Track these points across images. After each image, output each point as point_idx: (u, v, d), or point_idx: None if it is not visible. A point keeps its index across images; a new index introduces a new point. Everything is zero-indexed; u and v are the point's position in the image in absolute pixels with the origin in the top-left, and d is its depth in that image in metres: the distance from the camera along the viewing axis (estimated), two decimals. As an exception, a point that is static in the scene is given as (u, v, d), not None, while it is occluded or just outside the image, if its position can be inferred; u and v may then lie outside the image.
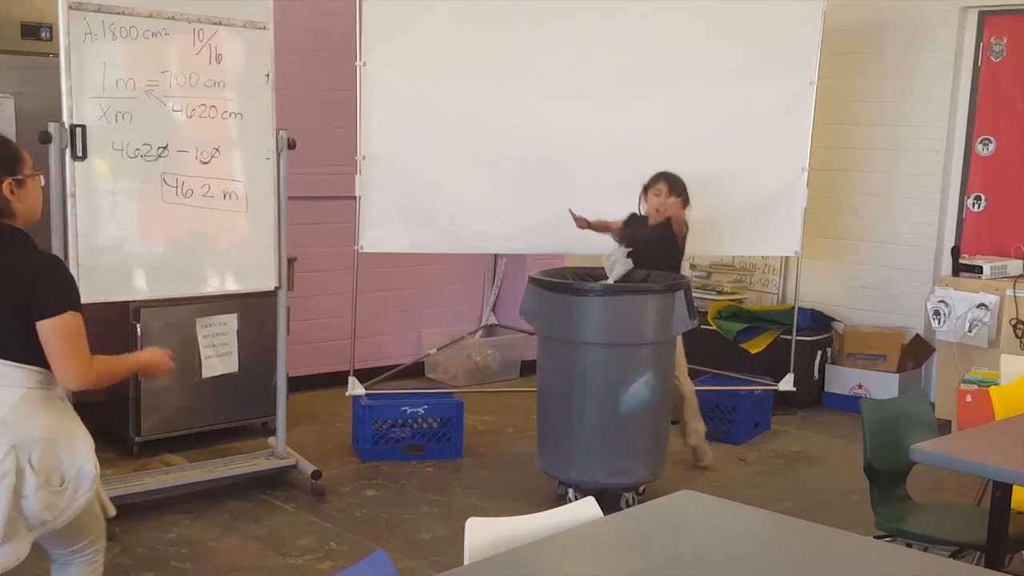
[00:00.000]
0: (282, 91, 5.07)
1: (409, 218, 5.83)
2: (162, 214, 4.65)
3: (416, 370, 7.26)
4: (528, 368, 7.10)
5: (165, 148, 4.61)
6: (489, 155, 5.91)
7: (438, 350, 7.24)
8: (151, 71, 4.55)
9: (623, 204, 5.54)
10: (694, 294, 5.36)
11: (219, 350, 5.28)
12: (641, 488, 5.07)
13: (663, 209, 5.28)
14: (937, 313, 6.33)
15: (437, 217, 5.89)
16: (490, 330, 7.68)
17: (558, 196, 5.83)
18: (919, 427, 3.86)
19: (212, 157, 4.74)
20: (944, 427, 5.70)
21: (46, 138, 4.35)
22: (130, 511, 4.73)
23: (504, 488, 5.33)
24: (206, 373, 5.26)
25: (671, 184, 5.32)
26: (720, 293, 7.48)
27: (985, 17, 6.77)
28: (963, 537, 3.65)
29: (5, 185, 2.94)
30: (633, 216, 5.47)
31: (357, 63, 5.63)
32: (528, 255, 7.00)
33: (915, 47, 6.98)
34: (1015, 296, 6.14)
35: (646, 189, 5.36)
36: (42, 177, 3.10)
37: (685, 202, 5.33)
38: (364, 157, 5.68)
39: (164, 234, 4.70)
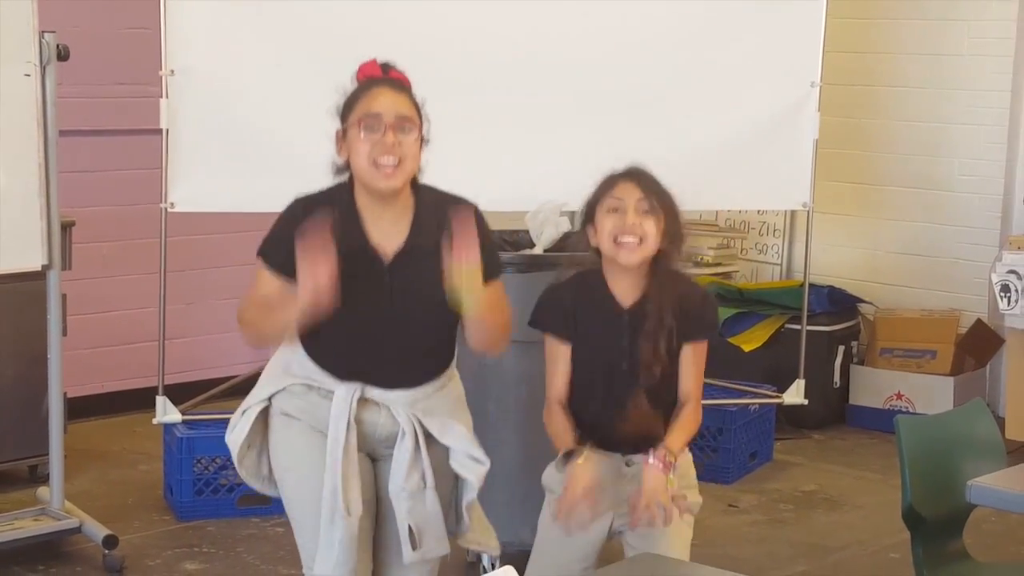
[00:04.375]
0: (48, -26, 5.02)
1: (242, 161, 5.78)
2: None
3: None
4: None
5: None
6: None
7: (289, 355, 7.20)
8: None
9: (558, 134, 5.55)
10: (660, 267, 5.39)
11: (-40, 361, 5.22)
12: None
13: (639, 236, 3.69)
14: (1007, 289, 6.43)
15: (285, 160, 5.83)
16: (365, 324, 7.66)
17: (467, 130, 5.80)
18: (981, 454, 3.92)
19: (-57, 74, 4.69)
20: (1018, 452, 5.81)
21: None
22: None
23: (388, 554, 5.32)
24: (-58, 395, 5.21)
25: (648, 189, 3.81)
26: (699, 265, 7.52)
27: None
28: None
29: None
30: (567, 280, 3.94)
31: (159, -70, 5.58)
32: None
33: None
34: (1116, 262, 6.27)
35: (592, 209, 3.82)
36: None
37: (676, 234, 3.80)
38: (173, 72, 5.62)
39: None
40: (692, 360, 3.71)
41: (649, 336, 3.62)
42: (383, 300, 3.49)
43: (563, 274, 3.93)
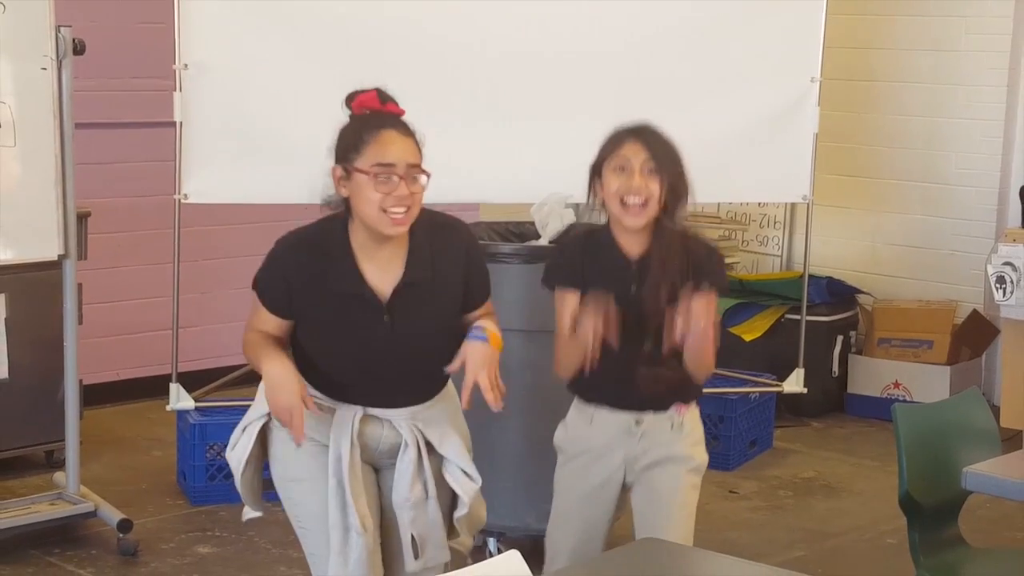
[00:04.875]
0: (64, -29, 5.02)
1: (254, 154, 5.78)
2: None
3: (268, 372, 7.23)
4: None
5: None
6: (373, 66, 5.86)
7: (300, 343, 7.21)
8: None
9: (571, 136, 5.53)
10: (663, 258, 5.39)
11: (-22, 349, 5.24)
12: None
13: (644, 197, 3.69)
14: (1002, 280, 6.43)
15: (295, 153, 5.81)
16: (374, 313, 7.66)
17: (474, 124, 5.82)
18: (977, 442, 3.92)
19: (-38, 68, 4.69)
20: (1012, 440, 5.80)
21: None
22: None
23: (396, 539, 5.33)
24: (-40, 382, 5.21)
25: (655, 149, 3.79)
26: (700, 256, 7.54)
27: None
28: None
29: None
30: (575, 235, 4.38)
31: (174, -72, 5.58)
32: (426, 206, 6.97)
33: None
34: (1109, 255, 6.26)
35: (599, 165, 3.81)
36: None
37: (681, 190, 3.79)
38: (186, 66, 5.62)
39: None
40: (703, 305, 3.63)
41: (653, 287, 3.62)
42: (382, 337, 3.48)
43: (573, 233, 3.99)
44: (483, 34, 5.94)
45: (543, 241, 5.16)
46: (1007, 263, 6.42)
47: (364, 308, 3.45)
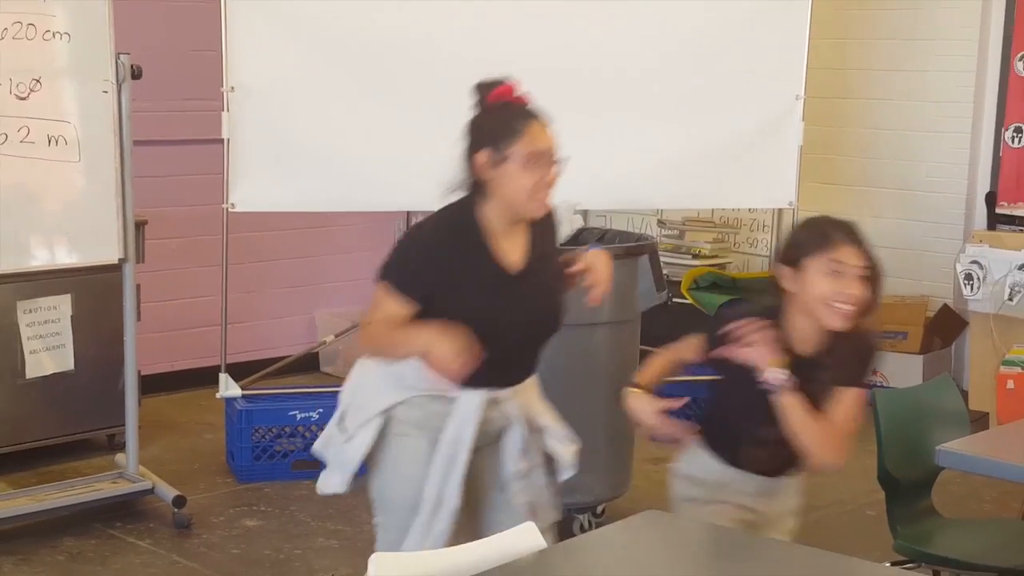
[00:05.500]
0: (122, 3, 5.01)
1: (294, 167, 5.78)
2: (-33, 166, 4.59)
3: (308, 363, 7.22)
4: (452, 358, 7.08)
5: (-31, 80, 4.55)
6: (400, 87, 5.87)
7: (336, 337, 7.20)
8: (-53, -22, 4.49)
9: (578, 147, 5.50)
10: (663, 259, 5.38)
11: (48, 342, 5.24)
12: (599, 508, 5.09)
13: (856, 307, 3.26)
14: (969, 277, 6.41)
15: (331, 166, 5.85)
16: (403, 310, 7.65)
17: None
18: (947, 423, 3.91)
19: (32, 91, 4.68)
20: (980, 422, 5.79)
21: None
22: (-66, 555, 4.69)
23: (423, 512, 5.32)
24: (31, 373, 5.22)
25: (870, 257, 3.35)
26: (696, 257, 7.51)
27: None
28: (1006, 560, 3.71)
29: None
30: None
31: (221, -35, 5.57)
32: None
33: (938, -61, 7.06)
34: (1066, 254, 6.24)
35: (799, 258, 3.31)
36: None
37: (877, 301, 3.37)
38: (232, 88, 5.63)
39: (-30, 193, 4.64)
40: (843, 402, 3.30)
41: (813, 389, 3.25)
42: (512, 312, 3.36)
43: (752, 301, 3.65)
44: (498, 54, 5.89)
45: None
46: (974, 262, 6.41)
47: (501, 283, 3.35)
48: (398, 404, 3.42)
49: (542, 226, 3.47)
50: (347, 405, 3.58)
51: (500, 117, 3.38)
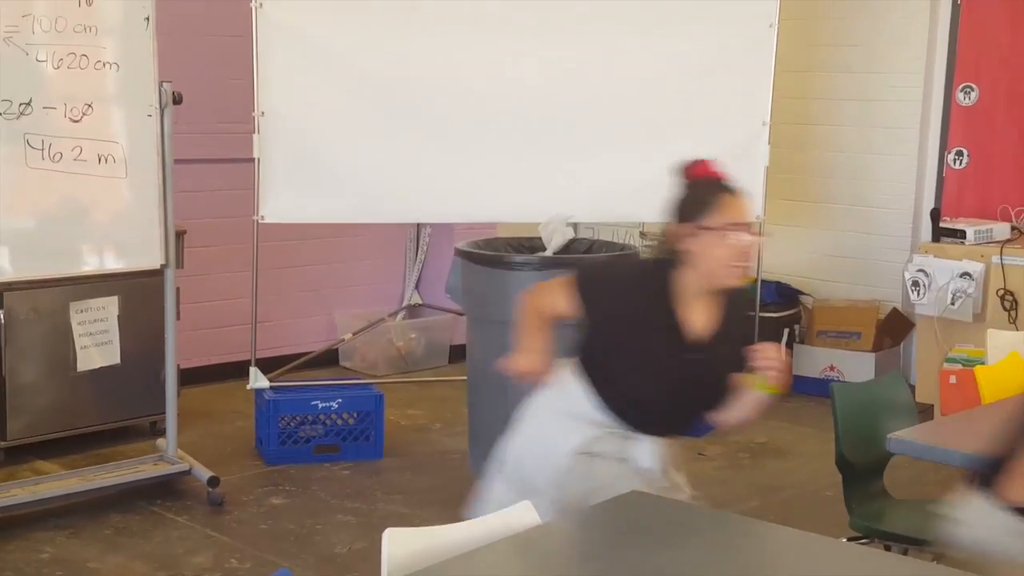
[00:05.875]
0: (165, 37, 5.01)
1: (317, 183, 5.78)
2: (26, 181, 4.58)
3: (329, 358, 7.22)
4: (458, 354, 7.08)
5: (28, 104, 4.53)
6: (409, 110, 5.87)
7: (353, 335, 7.20)
8: (10, 15, 4.46)
9: (562, 161, 5.53)
10: (644, 266, 5.37)
11: (97, 339, 5.24)
12: (587, 488, 5.08)
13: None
14: (916, 284, 6.41)
15: (350, 181, 5.85)
16: (413, 311, 7.65)
17: (490, 157, 5.82)
18: (897, 413, 3.91)
19: (84, 115, 4.67)
20: (926, 412, 5.79)
21: None
22: (-5, 528, 4.68)
23: (431, 492, 5.31)
24: (82, 366, 5.23)
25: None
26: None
27: (966, -51, 6.84)
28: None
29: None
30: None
31: (252, 3, 5.56)
32: (455, 224, 6.98)
33: (889, -17, 7.06)
34: (1002, 263, 6.23)
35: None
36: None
37: None
38: (263, 113, 5.62)
39: (29, 205, 4.63)
40: None
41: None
42: (689, 375, 3.18)
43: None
44: (498, 88, 5.94)
45: (548, 252, 5.14)
46: (920, 270, 6.41)
47: (673, 342, 3.17)
48: (591, 439, 3.24)
49: (733, 305, 3.28)
50: (520, 456, 3.38)
51: (698, 191, 3.22)
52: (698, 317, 3.20)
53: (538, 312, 3.31)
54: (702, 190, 3.21)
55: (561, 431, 3.25)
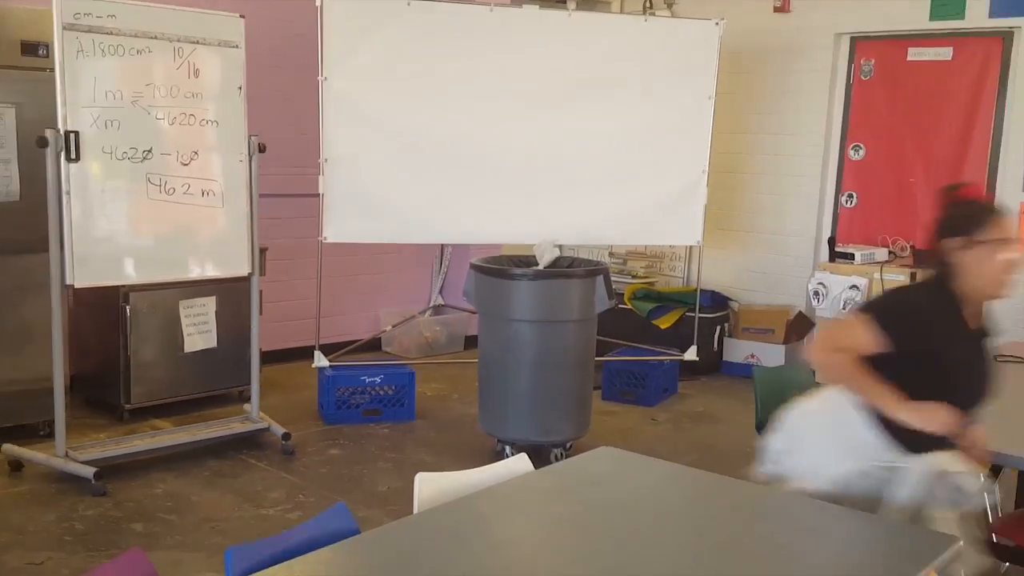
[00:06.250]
0: (253, 101, 5.02)
1: (367, 213, 5.78)
2: (148, 209, 4.60)
3: (374, 345, 7.22)
4: (471, 342, 7.08)
5: (150, 151, 4.56)
6: (436, 158, 5.88)
7: (393, 327, 7.20)
8: (137, 84, 4.49)
9: (550, 197, 5.53)
10: (612, 278, 5.37)
11: (200, 328, 5.29)
12: (568, 444, 5.07)
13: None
14: (817, 293, 6.41)
15: (391, 211, 5.85)
16: (438, 309, 7.65)
17: (496, 194, 5.84)
18: (801, 390, 3.89)
19: (192, 159, 4.70)
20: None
21: (43, 143, 4.29)
22: (121, 470, 4.67)
23: (450, 446, 5.31)
24: (188, 348, 5.27)
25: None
26: (634, 277, 7.51)
27: (856, 42, 6.86)
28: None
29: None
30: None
31: (319, 77, 5.56)
32: (471, 245, 6.98)
33: (797, 68, 7.05)
34: (882, 278, 6.24)
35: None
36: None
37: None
38: (326, 159, 5.63)
39: (150, 227, 4.64)
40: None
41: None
42: (981, 365, 2.72)
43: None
44: (506, 140, 5.94)
45: (540, 267, 5.14)
46: (820, 283, 6.41)
47: (973, 342, 2.71)
48: (852, 472, 2.68)
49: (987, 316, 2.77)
50: (784, 450, 2.88)
51: (969, 210, 2.70)
52: (972, 322, 2.71)
53: (848, 359, 2.61)
54: (973, 208, 2.71)
55: (826, 453, 2.74)
